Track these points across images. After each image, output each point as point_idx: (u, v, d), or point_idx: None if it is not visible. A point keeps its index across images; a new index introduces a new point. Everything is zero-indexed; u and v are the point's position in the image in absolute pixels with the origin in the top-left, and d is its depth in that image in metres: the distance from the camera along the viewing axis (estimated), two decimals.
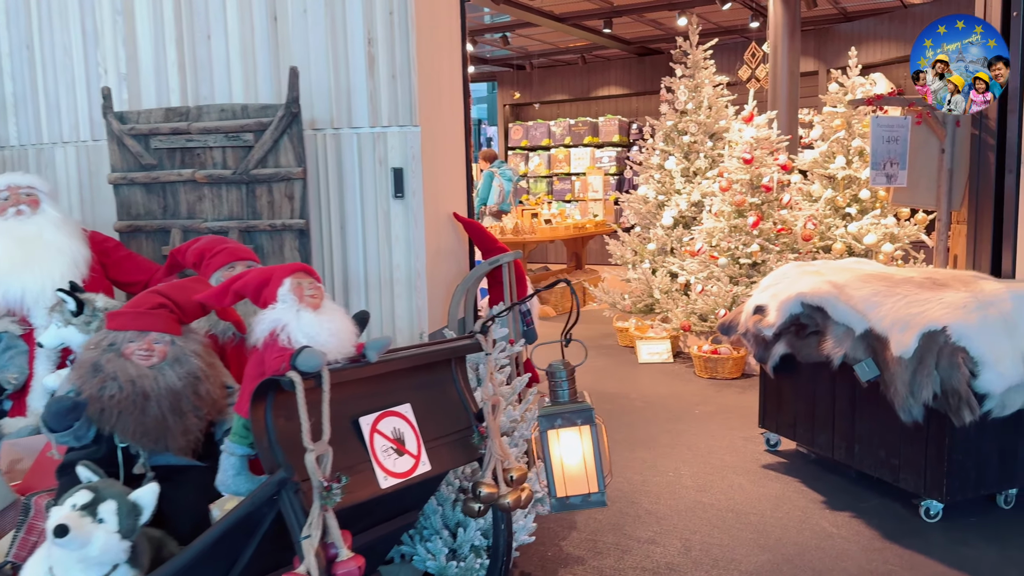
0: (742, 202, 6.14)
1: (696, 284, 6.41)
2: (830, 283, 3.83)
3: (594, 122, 13.25)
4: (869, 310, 3.59)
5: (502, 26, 10.40)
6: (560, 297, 9.30)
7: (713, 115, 7.04)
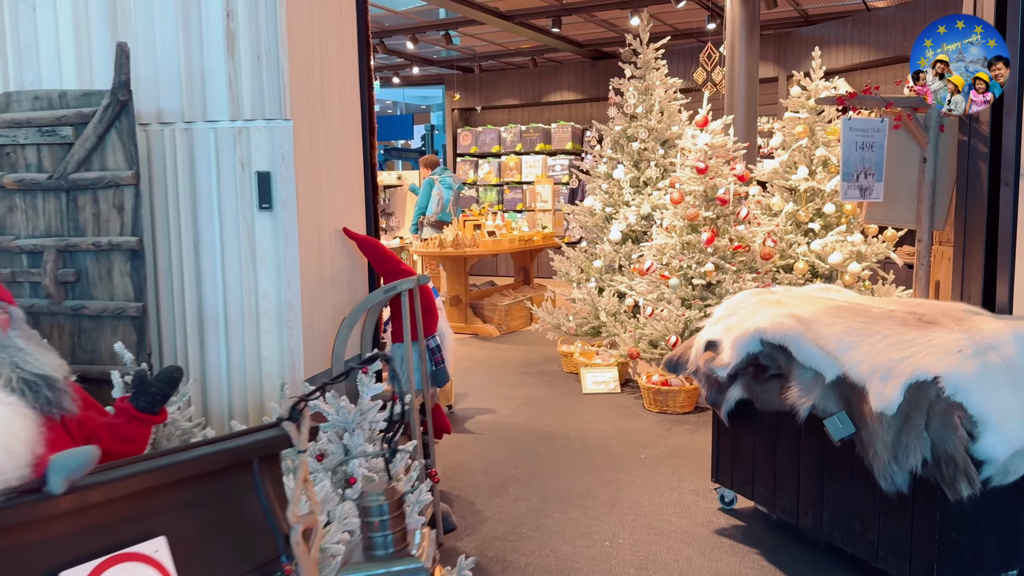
0: (695, 216, 5.51)
1: (645, 306, 5.76)
2: (794, 317, 3.19)
3: (546, 128, 12.62)
4: (842, 352, 2.95)
5: (444, 23, 9.71)
6: (505, 315, 8.62)
7: (665, 120, 6.42)
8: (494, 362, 7.14)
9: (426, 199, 9.56)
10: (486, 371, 6.78)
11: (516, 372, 6.73)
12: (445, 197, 9.53)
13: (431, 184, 9.58)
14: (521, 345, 7.78)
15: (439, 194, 9.51)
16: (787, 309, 3.30)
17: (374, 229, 3.71)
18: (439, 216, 9.46)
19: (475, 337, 8.37)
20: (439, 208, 9.53)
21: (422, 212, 9.54)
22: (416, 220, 9.57)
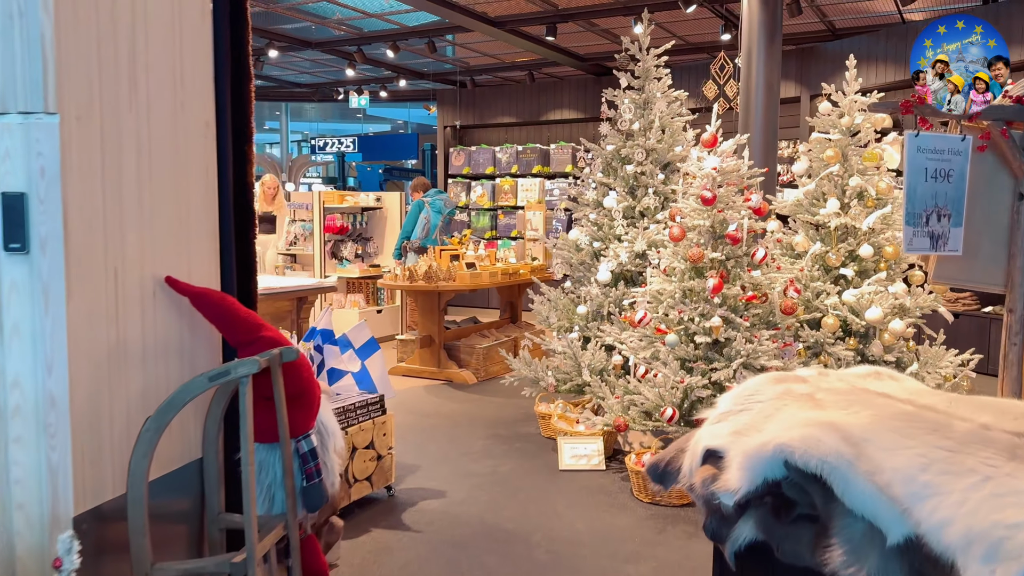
0: (699, 257, 4.44)
1: (637, 365, 4.68)
2: (836, 430, 2.10)
3: (545, 149, 11.61)
4: (916, 500, 1.85)
5: (427, 29, 8.74)
6: (483, 359, 7.54)
7: (667, 139, 5.36)
8: (461, 419, 6.05)
9: (412, 223, 8.62)
10: (448, 432, 5.69)
11: (485, 435, 5.63)
12: (432, 221, 8.58)
13: (420, 207, 8.64)
14: (497, 397, 6.70)
15: (427, 218, 8.56)
16: (824, 414, 2.21)
17: (239, 277, 2.65)
18: (423, 242, 8.48)
19: (448, 384, 7.29)
20: (424, 233, 8.56)
21: (406, 237, 8.61)
22: (399, 245, 8.63)
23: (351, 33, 9.33)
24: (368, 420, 4.30)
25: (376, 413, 4.37)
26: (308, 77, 12.65)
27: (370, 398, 4.34)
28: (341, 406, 4.15)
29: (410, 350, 7.81)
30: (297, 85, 13.38)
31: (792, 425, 2.21)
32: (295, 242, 9.78)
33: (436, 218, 8.65)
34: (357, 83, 12.41)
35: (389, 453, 4.45)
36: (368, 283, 9.50)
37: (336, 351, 4.32)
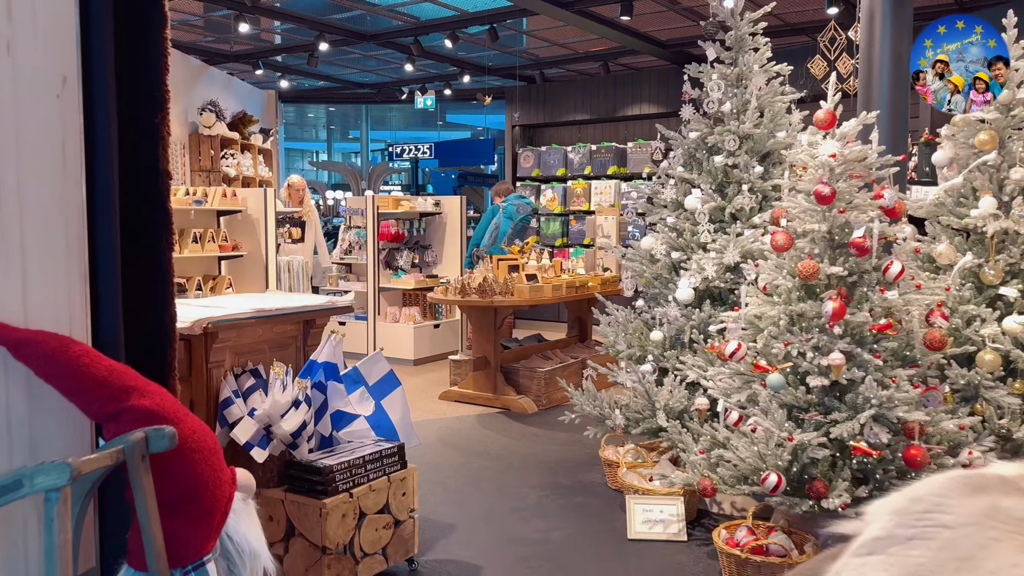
0: (813, 271, 3.37)
1: (728, 410, 3.63)
2: None
3: (621, 148, 10.57)
4: None
5: (488, 14, 7.86)
6: (545, 384, 6.58)
7: (766, 124, 4.30)
8: (514, 460, 5.11)
9: (482, 229, 7.81)
10: (497, 478, 4.75)
11: (540, 483, 4.68)
12: (502, 228, 7.73)
13: (493, 212, 7.83)
14: (559, 431, 5.73)
15: (496, 223, 7.72)
16: None
17: (136, 311, 1.79)
18: (489, 249, 7.63)
19: (504, 414, 6.36)
20: (491, 240, 7.72)
21: (476, 244, 7.80)
22: (469, 253, 7.83)
23: (407, 22, 8.55)
24: (382, 477, 3.41)
25: (393, 467, 3.47)
26: (369, 76, 11.98)
27: (385, 448, 3.44)
28: (346, 460, 3.27)
29: (464, 372, 6.92)
30: (358, 85, 12.74)
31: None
32: (350, 250, 9.06)
33: (506, 224, 7.78)
34: (419, 81, 11.66)
35: (411, 517, 3.54)
36: (424, 295, 8.68)
37: (341, 389, 3.45)
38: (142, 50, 1.86)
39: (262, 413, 3.17)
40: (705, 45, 4.43)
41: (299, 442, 3.24)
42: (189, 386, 3.41)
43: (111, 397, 1.51)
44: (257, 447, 3.20)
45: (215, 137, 9.75)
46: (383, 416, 3.58)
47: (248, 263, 7.03)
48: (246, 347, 3.52)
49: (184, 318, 3.30)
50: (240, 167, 10.31)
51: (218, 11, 8.10)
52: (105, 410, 1.51)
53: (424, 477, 4.72)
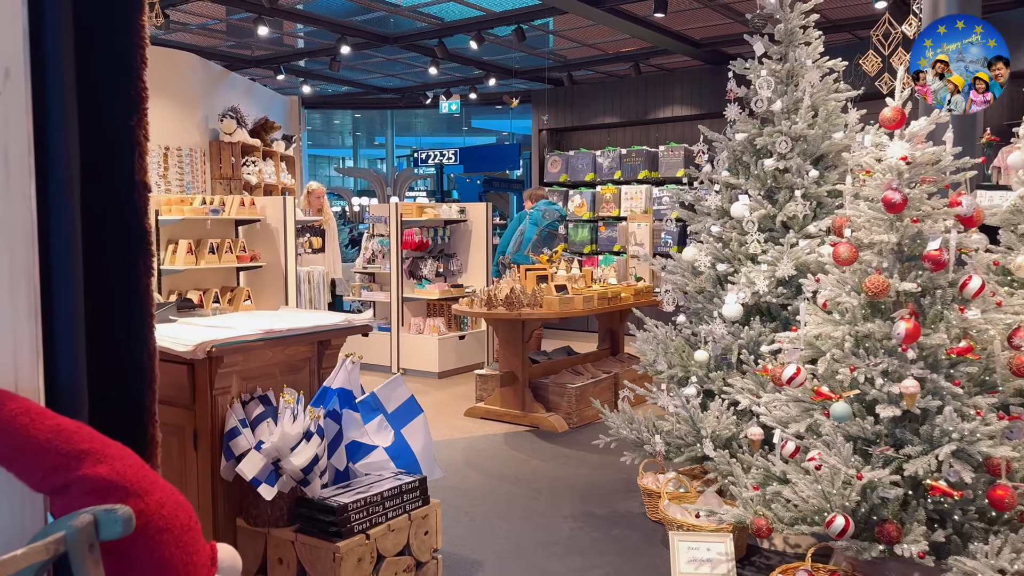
0: (882, 288, 3.01)
1: (783, 441, 3.27)
2: None
3: (652, 152, 10.21)
4: None
5: (515, 14, 7.54)
6: (576, 401, 6.23)
7: (821, 124, 3.94)
8: (544, 486, 4.78)
9: (508, 236, 7.51)
10: (527, 506, 4.43)
11: (573, 512, 4.34)
12: (527, 235, 7.42)
13: (521, 219, 7.52)
14: (592, 453, 5.38)
15: (522, 230, 7.41)
16: None
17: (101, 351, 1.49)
18: (514, 257, 7.32)
19: (533, 432, 6.04)
20: (515, 247, 7.40)
21: (503, 252, 7.48)
22: (496, 261, 7.53)
23: (431, 23, 8.27)
24: (402, 515, 3.10)
25: (414, 504, 3.16)
26: (392, 80, 11.73)
27: (406, 483, 3.13)
28: (362, 497, 2.97)
29: (491, 387, 6.61)
30: (382, 90, 12.49)
31: None
32: (373, 259, 8.79)
33: (531, 231, 7.47)
34: (444, 85, 11.38)
35: (434, 558, 3.23)
36: (449, 305, 8.38)
37: (357, 419, 3.15)
38: (112, 40, 1.57)
39: (270, 447, 2.88)
40: (752, 40, 4.08)
41: (311, 478, 2.94)
42: (192, 415, 3.13)
43: (57, 466, 1.21)
44: (265, 484, 2.91)
45: (236, 144, 9.55)
46: (403, 446, 3.28)
47: (267, 274, 6.78)
48: (255, 371, 3.24)
49: (187, 340, 3.02)
50: (262, 175, 10.10)
51: (238, 14, 7.88)
52: (50, 481, 1.22)
53: (448, 505, 4.41)
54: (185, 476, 3.16)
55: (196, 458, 3.12)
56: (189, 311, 3.90)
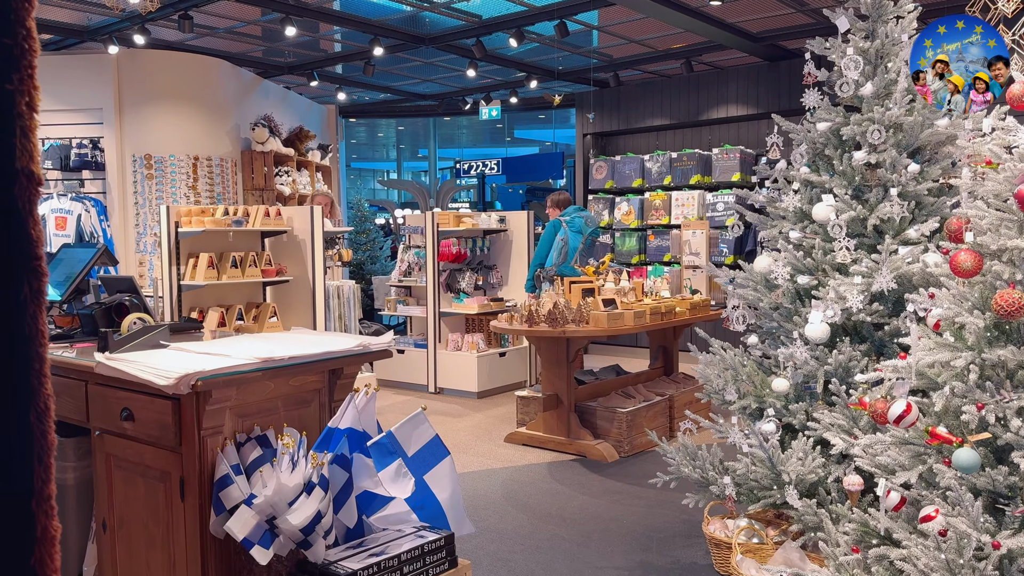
0: (1017, 305, 2.40)
1: (888, 490, 2.67)
2: None
3: (705, 155, 9.59)
4: None
5: (558, 8, 7.01)
6: (627, 427, 5.64)
7: (920, 111, 3.33)
8: (593, 528, 4.21)
9: (547, 246, 6.94)
10: (573, 553, 3.87)
11: (627, 563, 3.77)
12: (571, 244, 6.88)
13: (556, 227, 6.95)
14: (647, 488, 4.81)
15: (564, 240, 6.86)
16: None
17: None
18: (559, 268, 6.78)
19: (580, 462, 5.47)
20: (561, 259, 6.86)
21: (540, 264, 6.93)
22: (532, 275, 6.96)
23: (468, 21, 7.80)
24: None
25: (439, 566, 2.63)
26: (430, 86, 11.30)
27: (429, 541, 2.61)
28: (375, 562, 2.45)
29: (533, 410, 6.07)
30: (419, 96, 12.07)
31: None
32: (409, 272, 8.33)
33: (576, 240, 6.93)
34: (483, 89, 10.91)
35: None
36: (488, 320, 7.87)
37: (370, 465, 2.64)
38: None
39: (263, 502, 2.38)
40: (834, 15, 3.49)
41: (312, 539, 2.43)
42: (179, 458, 2.65)
43: None
44: (258, 546, 2.41)
45: (268, 154, 9.21)
46: (427, 495, 2.75)
47: (294, 288, 6.35)
48: (252, 407, 2.75)
49: (169, 371, 2.55)
50: (296, 185, 9.74)
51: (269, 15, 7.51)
52: None
53: (483, 552, 3.88)
54: (172, 531, 2.68)
55: (183, 510, 2.64)
56: (189, 334, 3.45)
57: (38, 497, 1.20)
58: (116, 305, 3.40)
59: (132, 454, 2.79)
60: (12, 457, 1.15)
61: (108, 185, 8.09)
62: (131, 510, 2.83)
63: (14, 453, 1.15)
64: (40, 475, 1.20)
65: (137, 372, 2.56)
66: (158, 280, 5.94)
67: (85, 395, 2.91)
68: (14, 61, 1.13)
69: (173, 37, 8.38)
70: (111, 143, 8.03)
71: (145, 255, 8.17)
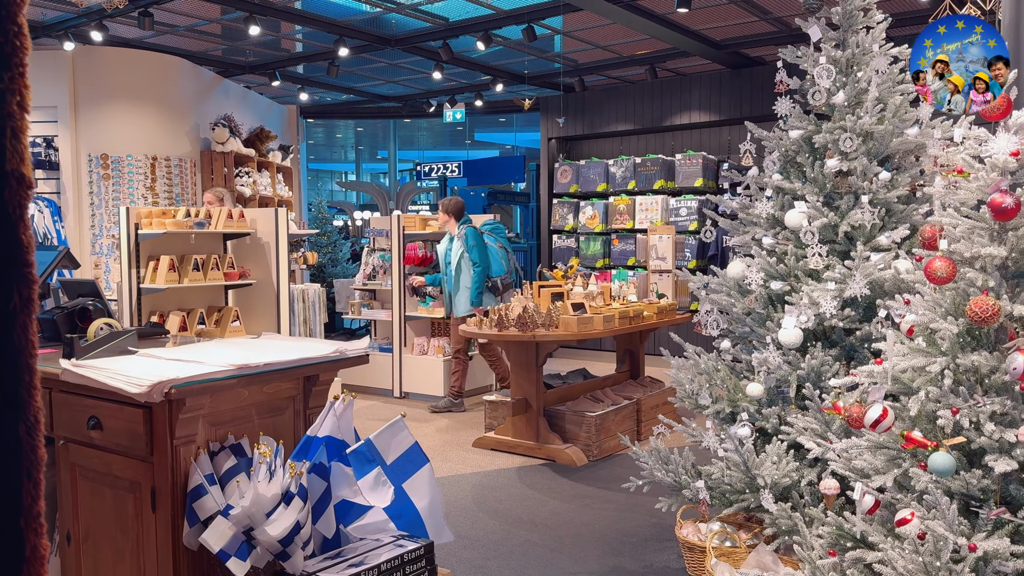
0: (992, 312, 2.45)
1: (862, 495, 2.71)
2: None
3: (669, 161, 9.68)
4: None
5: (526, 11, 7.02)
6: (596, 431, 5.65)
7: (889, 119, 3.40)
8: (565, 533, 4.20)
9: (484, 256, 6.74)
10: (546, 559, 3.85)
11: (601, 568, 3.77)
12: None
13: (476, 235, 6.78)
14: (617, 492, 4.82)
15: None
16: None
17: None
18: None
19: (549, 466, 5.47)
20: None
21: (487, 273, 6.74)
22: (478, 287, 6.70)
23: (435, 23, 7.76)
24: None
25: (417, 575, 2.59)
26: (394, 88, 11.22)
27: (408, 551, 2.57)
28: (353, 573, 2.40)
29: (501, 415, 6.05)
30: (383, 98, 11.98)
31: None
32: (374, 275, 8.25)
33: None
34: (448, 92, 10.86)
35: None
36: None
37: (349, 474, 2.59)
38: None
39: (240, 513, 2.32)
40: (806, 24, 3.54)
41: (291, 550, 2.38)
42: (150, 468, 2.58)
43: None
44: (235, 558, 2.35)
45: (229, 154, 9.04)
46: (405, 503, 2.72)
47: (257, 292, 6.24)
48: (226, 415, 2.68)
49: (141, 379, 2.47)
50: (256, 186, 9.58)
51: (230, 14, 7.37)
52: None
53: (457, 558, 3.84)
54: (142, 543, 2.60)
55: (155, 521, 2.57)
56: (156, 339, 3.35)
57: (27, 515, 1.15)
58: (79, 310, 3.30)
59: (99, 464, 2.70)
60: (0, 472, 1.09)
61: (63, 185, 7.86)
62: (98, 522, 2.74)
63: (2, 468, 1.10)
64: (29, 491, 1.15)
65: (107, 380, 2.47)
66: (116, 283, 5.79)
67: (49, 403, 2.81)
68: (4, 59, 1.08)
69: (131, 34, 8.19)
70: (66, 142, 7.81)
71: (101, 257, 7.95)
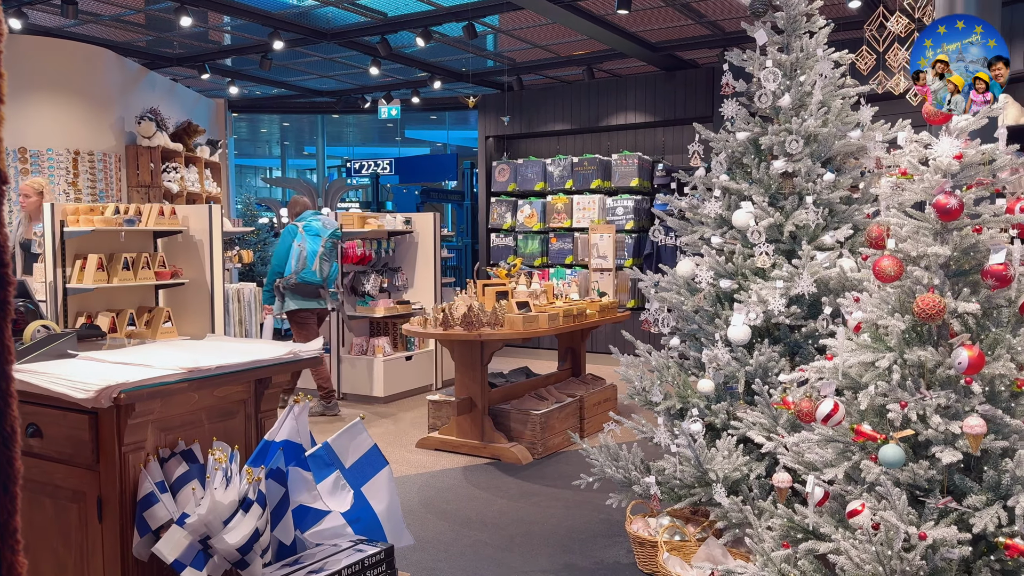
0: (938, 308, 2.55)
1: (813, 488, 2.79)
2: None
3: (605, 161, 9.79)
4: None
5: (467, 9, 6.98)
6: (541, 429, 5.67)
7: (833, 122, 3.50)
8: (515, 532, 4.20)
9: (284, 255, 6.52)
10: (497, 559, 3.84)
11: (552, 566, 3.78)
12: (310, 248, 6.45)
13: (292, 233, 6.55)
14: (564, 488, 4.85)
15: (301, 245, 6.44)
16: None
17: None
18: (300, 275, 6.37)
19: (495, 465, 5.46)
20: (300, 265, 6.39)
21: (279, 272, 6.51)
22: (270, 285, 6.52)
23: (373, 18, 7.65)
24: None
25: None
26: (328, 83, 11.02)
27: (368, 556, 2.52)
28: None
29: (445, 414, 6.01)
30: (316, 92, 11.75)
31: None
32: None
33: (315, 243, 6.51)
34: (384, 88, 10.73)
35: None
36: (396, 323, 7.74)
37: (308, 478, 2.52)
38: None
39: (197, 521, 2.23)
40: (752, 28, 3.62)
41: (250, 558, 2.30)
42: (96, 477, 2.45)
43: None
44: (191, 568, 2.26)
45: (155, 149, 8.72)
46: (364, 507, 2.67)
47: (190, 292, 6.03)
48: (176, 420, 2.58)
49: (87, 383, 2.35)
50: (184, 182, 9.27)
51: (158, 4, 7.11)
52: None
53: (408, 561, 3.80)
54: (87, 555, 2.48)
55: (101, 532, 2.45)
56: (94, 341, 3.20)
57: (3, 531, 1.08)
58: None
59: (38, 474, 2.57)
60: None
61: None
62: (37, 535, 2.60)
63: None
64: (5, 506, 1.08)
65: (49, 385, 2.35)
66: (40, 283, 5.51)
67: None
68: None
69: (52, 23, 7.81)
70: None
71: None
